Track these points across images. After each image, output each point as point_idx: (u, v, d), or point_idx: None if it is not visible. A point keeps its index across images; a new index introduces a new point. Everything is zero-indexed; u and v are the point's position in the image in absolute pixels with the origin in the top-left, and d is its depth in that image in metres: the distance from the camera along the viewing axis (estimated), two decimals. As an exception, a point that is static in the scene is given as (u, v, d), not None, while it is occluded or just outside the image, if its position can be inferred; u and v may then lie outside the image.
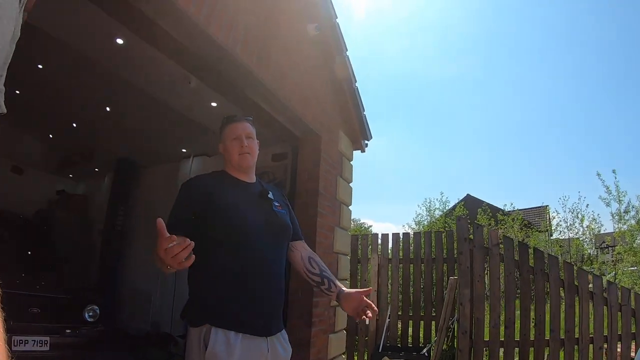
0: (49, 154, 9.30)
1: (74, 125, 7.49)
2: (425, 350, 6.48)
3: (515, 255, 6.25)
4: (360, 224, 27.64)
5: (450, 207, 22.05)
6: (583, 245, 15.70)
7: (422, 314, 7.48)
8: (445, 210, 21.42)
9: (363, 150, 6.23)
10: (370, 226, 29.24)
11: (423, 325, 7.40)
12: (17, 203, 8.08)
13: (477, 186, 59.52)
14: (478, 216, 17.38)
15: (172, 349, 6.77)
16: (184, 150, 7.91)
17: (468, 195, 26.42)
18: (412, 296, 7.59)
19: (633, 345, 5.79)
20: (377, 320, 7.40)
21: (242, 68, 3.62)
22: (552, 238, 18.04)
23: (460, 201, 23.87)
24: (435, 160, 54.71)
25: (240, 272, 2.16)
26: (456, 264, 6.54)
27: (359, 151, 6.25)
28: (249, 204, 2.34)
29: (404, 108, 63.25)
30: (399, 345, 7.29)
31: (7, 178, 8.60)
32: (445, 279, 7.21)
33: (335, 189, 5.35)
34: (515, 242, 6.46)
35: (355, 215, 29.52)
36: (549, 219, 21.70)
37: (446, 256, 7.50)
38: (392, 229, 49.38)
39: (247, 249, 2.19)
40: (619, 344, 5.84)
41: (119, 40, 4.29)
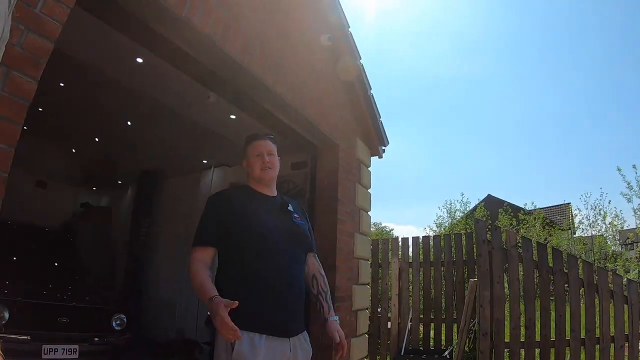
0: (73, 168, 9.46)
1: (97, 139, 7.66)
2: (447, 353, 6.50)
3: (534, 255, 6.26)
4: (381, 228, 27.47)
5: (471, 208, 21.83)
6: (606, 242, 15.46)
7: (444, 316, 7.48)
8: (466, 212, 21.19)
9: (380, 156, 6.27)
10: (392, 230, 29.00)
11: (444, 328, 7.40)
12: (43, 216, 8.23)
13: (498, 186, 58.90)
14: (499, 216, 17.23)
15: (197, 356, 6.85)
16: (205, 161, 8.02)
17: (489, 195, 26.14)
18: (433, 299, 7.62)
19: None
20: (398, 323, 7.44)
21: (258, 82, 3.74)
22: (574, 236, 17.82)
23: (481, 202, 23.63)
24: (455, 161, 54.16)
25: (262, 277, 2.32)
26: (476, 266, 6.56)
27: (377, 157, 6.29)
28: (270, 215, 2.51)
29: (422, 108, 62.81)
30: (421, 348, 7.32)
31: (32, 192, 8.79)
32: (466, 281, 7.24)
33: (354, 195, 5.42)
34: (534, 243, 6.46)
35: (377, 219, 29.33)
36: (571, 216, 21.37)
37: (466, 258, 7.52)
38: (414, 231, 48.93)
39: (268, 257, 2.36)
40: (641, 343, 5.81)
41: (139, 59, 4.39)
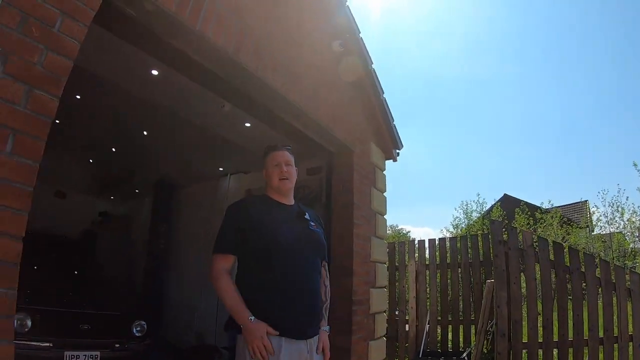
0: (91, 178, 9.58)
1: (114, 149, 7.77)
2: (465, 355, 6.50)
3: (551, 255, 6.25)
4: (398, 230, 27.40)
5: (487, 208, 21.74)
6: (625, 239, 15.31)
7: (461, 318, 7.50)
8: (482, 212, 21.13)
9: (395, 160, 6.27)
10: (409, 232, 28.93)
11: (462, 330, 7.41)
12: (62, 226, 8.33)
13: (514, 185, 58.50)
14: (516, 216, 17.14)
15: (216, 360, 6.91)
16: (221, 168, 8.09)
17: (505, 194, 25.98)
18: (450, 301, 7.61)
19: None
20: (416, 326, 7.46)
21: (272, 91, 3.81)
22: (593, 234, 17.68)
23: (497, 201, 23.57)
24: (471, 161, 53.94)
25: (280, 283, 2.42)
26: (493, 267, 6.54)
27: (392, 160, 6.29)
28: (288, 223, 2.61)
29: (436, 109, 62.75)
30: (439, 350, 7.32)
31: (51, 202, 8.90)
32: (483, 282, 7.23)
33: (370, 199, 5.45)
34: (550, 242, 6.44)
35: (393, 222, 29.24)
36: (588, 214, 21.21)
37: (483, 259, 7.51)
38: (431, 233, 48.72)
39: (286, 263, 2.46)
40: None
41: (154, 72, 4.45)
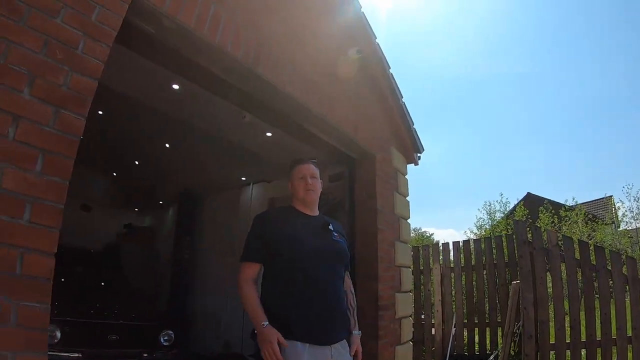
0: (115, 191, 9.71)
1: (137, 162, 7.88)
2: (492, 357, 6.47)
3: (576, 254, 6.18)
4: (421, 233, 27.33)
5: (510, 208, 21.59)
6: (652, 234, 15.09)
7: (487, 320, 7.45)
8: (506, 212, 21.01)
9: (416, 164, 6.26)
10: (432, 234, 28.91)
11: (489, 332, 7.36)
12: (88, 239, 8.43)
13: (537, 183, 57.97)
14: (540, 215, 16.99)
15: (243, 369, 6.95)
16: (244, 178, 8.17)
17: (528, 193, 25.76)
18: (476, 303, 7.57)
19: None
20: (442, 329, 7.43)
21: (292, 101, 3.85)
22: (619, 230, 17.43)
23: (520, 201, 23.41)
24: (492, 161, 53.71)
25: (305, 292, 2.49)
26: (518, 268, 6.50)
27: (413, 164, 6.28)
28: (311, 234, 2.68)
29: (454, 111, 62.57)
30: (466, 353, 7.28)
31: (77, 216, 9.02)
32: (509, 284, 7.18)
33: (393, 204, 5.45)
34: (575, 241, 6.38)
35: (416, 225, 29.21)
36: (614, 210, 20.93)
37: (508, 260, 7.47)
38: (455, 235, 48.43)
39: (309, 272, 2.53)
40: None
41: (174, 86, 4.51)
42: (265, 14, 3.57)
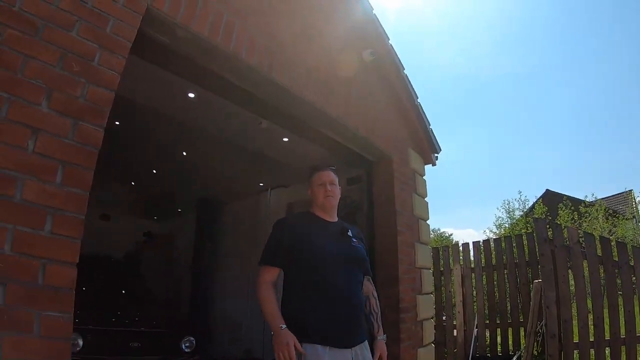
0: (133, 200, 9.77)
1: (154, 171, 7.94)
2: (515, 358, 6.40)
3: (598, 250, 6.10)
4: (440, 234, 27.19)
5: (529, 205, 21.40)
6: (675, 227, 14.85)
7: (509, 320, 7.35)
8: (525, 210, 20.83)
9: (434, 164, 6.23)
10: (451, 234, 28.74)
11: (511, 332, 7.27)
12: (108, 248, 8.52)
13: (556, 179, 57.47)
14: (559, 211, 16.81)
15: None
16: (262, 184, 8.20)
17: (547, 190, 25.38)
18: (497, 303, 7.51)
19: None
20: (464, 330, 7.37)
21: (308, 106, 3.87)
22: (640, 224, 17.21)
23: (539, 198, 23.18)
24: (509, 159, 53.31)
25: (324, 296, 2.51)
26: (539, 266, 6.43)
27: (430, 165, 6.25)
28: (330, 239, 2.72)
29: (470, 109, 62.28)
30: (489, 354, 7.21)
31: (97, 226, 9.12)
32: (530, 283, 7.11)
33: (412, 205, 5.43)
34: (597, 237, 6.30)
35: (435, 225, 29.03)
36: (634, 204, 20.61)
37: (528, 259, 7.39)
38: (474, 234, 48.04)
39: (329, 277, 2.56)
40: None
41: (190, 95, 4.54)
42: (277, 19, 3.59)
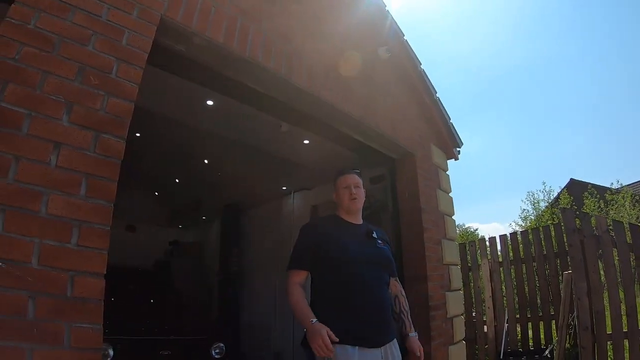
0: (158, 210, 9.87)
1: (177, 180, 8.01)
2: (547, 352, 6.31)
3: (628, 238, 5.99)
4: (465, 229, 26.98)
5: (554, 196, 21.16)
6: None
7: (540, 314, 7.26)
8: (550, 201, 20.60)
9: (456, 158, 6.20)
10: (476, 229, 28.49)
11: (542, 326, 7.18)
12: (135, 258, 8.59)
13: (580, 168, 56.70)
14: (585, 200, 16.61)
15: (294, 379, 6.96)
16: (284, 187, 8.20)
17: (572, 179, 25.04)
18: (527, 297, 7.42)
19: None
20: (495, 326, 7.30)
21: (327, 106, 3.87)
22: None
23: (564, 188, 22.90)
24: (531, 150, 52.75)
25: (351, 298, 2.58)
26: (568, 257, 6.34)
27: (453, 159, 6.22)
28: (356, 242, 2.79)
29: (488, 102, 61.83)
30: (520, 349, 7.11)
31: (123, 237, 9.21)
32: (560, 274, 7.01)
33: (436, 202, 5.39)
34: (626, 224, 6.19)
35: (460, 221, 28.84)
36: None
37: (557, 250, 7.29)
38: (499, 228, 47.55)
39: (356, 279, 2.63)
40: None
41: (209, 102, 4.55)
42: (290, 20, 3.60)
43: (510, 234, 7.91)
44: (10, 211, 1.74)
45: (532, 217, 19.67)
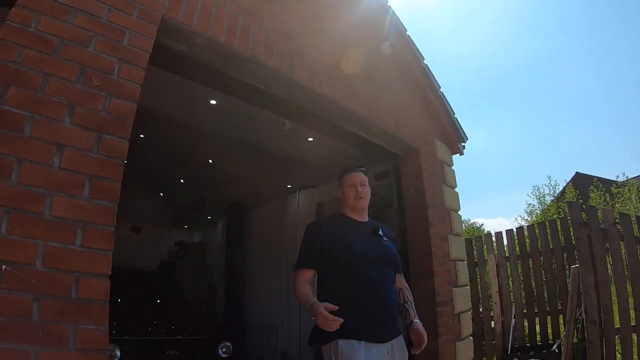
0: (163, 211, 9.91)
1: (182, 181, 8.01)
2: (555, 347, 6.27)
3: (635, 231, 5.95)
4: (471, 225, 26.95)
5: (560, 190, 21.12)
6: None
7: (547, 308, 7.21)
8: (555, 195, 20.56)
9: (461, 153, 6.16)
10: (482, 224, 28.51)
11: (550, 321, 7.14)
12: (141, 259, 8.62)
13: (585, 161, 56.40)
14: (591, 194, 16.58)
15: (302, 378, 6.96)
16: (289, 185, 8.21)
17: (577, 173, 24.97)
18: (534, 291, 7.39)
19: None
20: (502, 321, 7.27)
21: (330, 103, 3.87)
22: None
23: (569, 182, 22.82)
24: (536, 144, 52.61)
25: (357, 295, 2.58)
26: (575, 251, 6.31)
27: (458, 154, 6.18)
28: (362, 239, 2.79)
29: (493, 96, 61.70)
30: (528, 344, 7.08)
31: (128, 238, 9.23)
32: (567, 269, 6.98)
33: (442, 197, 5.37)
34: (633, 217, 6.15)
35: (465, 216, 28.85)
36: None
37: (564, 244, 7.25)
38: (505, 223, 47.42)
39: (362, 276, 2.64)
40: None
41: (212, 101, 4.57)
42: (292, 18, 3.60)
43: (516, 228, 7.86)
44: (14, 213, 1.74)
45: (538, 212, 19.66)
